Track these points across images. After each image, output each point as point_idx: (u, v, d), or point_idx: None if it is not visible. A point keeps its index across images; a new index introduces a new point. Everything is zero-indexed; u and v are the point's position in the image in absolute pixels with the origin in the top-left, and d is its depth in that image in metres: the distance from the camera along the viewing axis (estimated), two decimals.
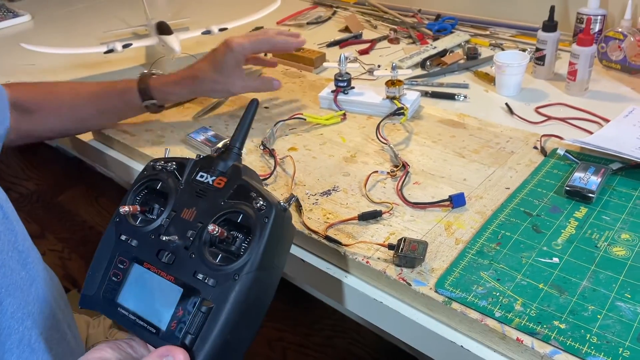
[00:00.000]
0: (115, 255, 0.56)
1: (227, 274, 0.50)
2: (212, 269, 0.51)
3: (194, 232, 0.53)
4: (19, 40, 1.21)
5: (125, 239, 0.56)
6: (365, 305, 0.64)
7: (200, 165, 0.58)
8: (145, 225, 0.56)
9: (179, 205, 0.56)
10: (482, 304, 0.56)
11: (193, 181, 0.57)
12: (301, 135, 0.90)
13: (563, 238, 0.63)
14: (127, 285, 0.54)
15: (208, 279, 0.50)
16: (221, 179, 0.56)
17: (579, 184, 0.69)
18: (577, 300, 0.55)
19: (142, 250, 0.55)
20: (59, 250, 1.91)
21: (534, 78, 1.06)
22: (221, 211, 0.53)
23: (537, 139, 0.83)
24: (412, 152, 0.83)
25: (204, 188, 0.56)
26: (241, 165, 0.58)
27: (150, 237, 0.55)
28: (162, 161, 0.59)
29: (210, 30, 1.21)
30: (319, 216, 0.71)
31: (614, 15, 1.13)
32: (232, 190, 0.55)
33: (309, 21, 1.43)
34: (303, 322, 1.53)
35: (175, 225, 0.55)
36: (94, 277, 0.56)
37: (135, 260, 0.55)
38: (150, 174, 0.59)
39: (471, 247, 0.63)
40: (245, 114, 0.60)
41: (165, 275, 0.53)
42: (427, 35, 1.26)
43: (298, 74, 1.12)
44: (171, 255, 0.53)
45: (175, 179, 0.58)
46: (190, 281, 0.51)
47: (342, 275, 0.65)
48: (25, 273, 0.57)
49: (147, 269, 0.54)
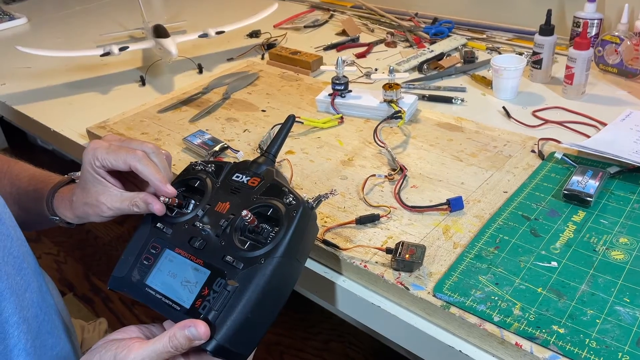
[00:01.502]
0: (149, 241, 0.60)
1: (253, 258, 0.54)
2: (240, 253, 0.54)
3: (226, 222, 0.57)
4: (16, 43, 1.21)
5: (160, 226, 0.60)
6: (363, 310, 0.63)
7: (237, 168, 0.63)
8: (180, 216, 0.60)
9: (214, 199, 0.60)
10: (481, 308, 0.55)
11: (229, 180, 0.62)
12: (298, 138, 0.89)
13: (561, 242, 0.63)
14: (156, 268, 0.57)
15: (236, 261, 0.54)
16: (255, 179, 0.61)
17: (577, 187, 0.69)
18: (576, 305, 0.55)
19: (175, 238, 0.59)
20: (55, 254, 1.90)
21: (530, 82, 1.06)
22: (254, 204, 0.58)
23: (534, 142, 0.83)
24: (409, 155, 0.82)
25: (239, 186, 0.61)
26: (274, 169, 0.63)
27: (184, 226, 0.59)
28: (202, 163, 0.64)
29: (207, 33, 1.21)
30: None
31: (611, 19, 1.14)
32: (265, 189, 0.59)
33: (306, 24, 1.43)
34: (300, 326, 1.52)
35: (210, 216, 0.59)
36: (126, 260, 0.59)
37: (167, 246, 0.58)
38: (190, 172, 0.64)
39: (469, 251, 0.63)
40: (282, 126, 0.66)
41: (195, 259, 0.56)
42: (424, 39, 1.26)
43: (295, 77, 1.12)
44: (202, 241, 0.57)
45: (213, 178, 0.62)
46: (218, 264, 0.54)
47: (339, 279, 0.65)
48: (20, 278, 0.57)
49: (178, 253, 0.57)
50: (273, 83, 1.10)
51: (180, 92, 1.08)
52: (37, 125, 1.08)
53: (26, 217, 0.71)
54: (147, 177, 0.59)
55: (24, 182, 0.73)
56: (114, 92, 1.15)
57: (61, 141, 1.02)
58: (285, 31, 1.40)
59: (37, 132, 1.10)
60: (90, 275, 1.78)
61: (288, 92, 1.06)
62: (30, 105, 1.12)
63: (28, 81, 1.23)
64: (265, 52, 1.26)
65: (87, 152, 0.61)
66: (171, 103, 1.03)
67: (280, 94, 1.05)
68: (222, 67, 1.21)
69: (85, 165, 0.61)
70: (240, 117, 0.98)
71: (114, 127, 0.96)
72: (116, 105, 1.07)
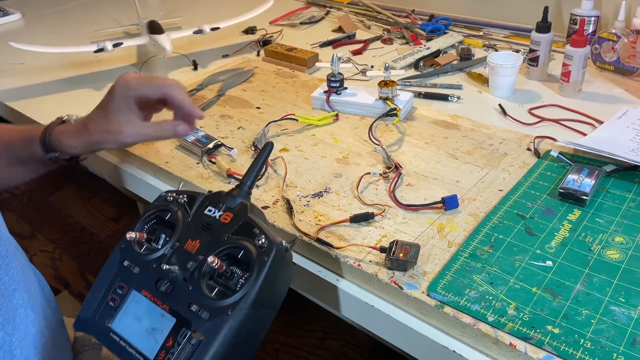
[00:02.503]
0: (116, 280, 0.58)
1: (220, 308, 0.51)
2: (207, 302, 0.52)
3: (194, 264, 0.55)
4: (9, 39, 1.19)
5: (127, 265, 0.58)
6: (357, 309, 0.63)
7: (209, 200, 0.60)
8: (148, 254, 0.58)
9: (184, 236, 0.57)
10: (475, 308, 0.55)
11: (201, 215, 0.59)
12: (293, 136, 0.89)
13: (556, 241, 0.63)
14: (122, 311, 0.56)
15: (202, 311, 0.51)
16: (228, 214, 0.58)
17: (572, 186, 0.69)
18: (571, 304, 0.54)
19: (142, 278, 0.56)
20: (50, 251, 1.89)
21: (527, 79, 1.05)
22: (223, 245, 0.55)
23: (530, 140, 0.82)
24: (404, 153, 0.82)
25: (210, 222, 0.58)
26: (249, 203, 0.60)
27: (152, 266, 0.57)
28: (174, 193, 0.62)
29: (202, 29, 1.20)
30: (310, 218, 0.70)
31: (608, 17, 1.13)
32: (236, 227, 0.56)
33: (302, 21, 1.42)
34: (296, 324, 1.52)
35: (178, 255, 0.56)
36: (93, 299, 0.58)
37: (134, 286, 0.56)
38: (161, 204, 0.61)
39: (464, 250, 0.62)
40: (259, 156, 0.62)
41: (160, 304, 0.54)
42: (421, 36, 1.26)
43: (290, 74, 1.11)
44: (169, 284, 0.54)
45: (185, 211, 0.60)
46: (184, 312, 0.52)
47: (333, 278, 0.64)
48: (7, 278, 0.56)
49: (145, 296, 0.55)
50: (268, 80, 1.09)
51: None
52: (30, 122, 1.06)
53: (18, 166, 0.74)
54: (180, 102, 0.66)
55: (6, 136, 0.74)
56: (108, 88, 1.14)
57: None
58: (281, 28, 1.39)
59: None
60: (86, 272, 1.77)
61: (283, 89, 1.05)
62: (23, 102, 1.11)
63: (21, 77, 1.22)
64: (260, 49, 1.26)
65: (119, 82, 0.67)
66: None
67: (276, 91, 1.04)
68: (217, 64, 1.21)
69: (116, 95, 0.66)
70: (235, 114, 0.97)
71: None
72: None
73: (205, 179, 0.79)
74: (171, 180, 0.82)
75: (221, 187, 0.77)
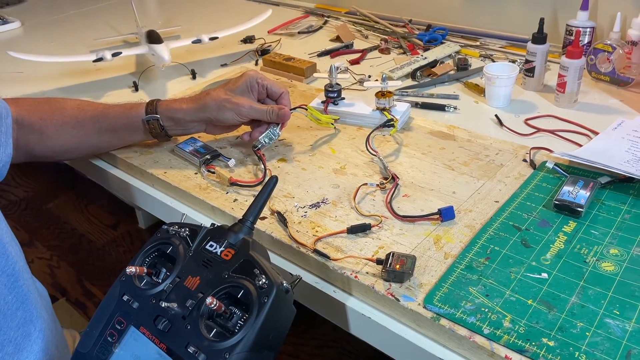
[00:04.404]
0: (115, 314, 0.57)
1: (218, 351, 0.50)
2: (204, 344, 0.51)
3: (193, 302, 0.54)
4: (9, 47, 1.20)
5: (127, 299, 0.58)
6: (354, 320, 0.63)
7: (211, 235, 0.59)
8: (148, 289, 0.57)
9: (184, 272, 0.57)
10: (471, 320, 0.55)
11: (202, 250, 0.58)
12: (291, 146, 0.89)
13: (552, 253, 0.63)
14: (120, 348, 0.56)
15: (199, 353, 0.51)
16: (229, 250, 0.57)
17: (567, 197, 0.69)
18: (566, 317, 0.55)
19: (141, 314, 0.56)
20: (48, 258, 1.89)
21: (523, 89, 1.06)
22: (223, 284, 0.54)
23: (526, 151, 0.83)
24: (401, 164, 0.82)
25: (211, 258, 0.57)
26: (251, 239, 0.59)
27: (151, 302, 0.56)
28: (176, 226, 0.61)
29: (201, 39, 1.21)
30: (307, 229, 0.70)
31: (603, 27, 1.14)
32: (237, 265, 0.56)
33: (300, 30, 1.43)
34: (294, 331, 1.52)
35: (177, 292, 0.56)
36: (91, 334, 0.57)
37: (132, 322, 0.56)
38: (163, 237, 0.61)
39: (460, 261, 0.63)
40: (263, 189, 0.62)
41: (158, 342, 0.54)
42: (418, 46, 1.27)
43: (289, 83, 1.12)
44: (167, 322, 0.54)
45: (186, 245, 0.59)
46: (181, 353, 0.52)
47: (330, 289, 0.65)
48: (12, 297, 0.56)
49: (143, 333, 0.55)
50: None
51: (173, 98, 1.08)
52: None
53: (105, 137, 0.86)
54: (287, 101, 0.86)
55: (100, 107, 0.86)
56: (106, 97, 1.15)
57: None
58: (280, 37, 1.40)
59: None
60: (84, 279, 1.77)
61: None
62: None
63: (20, 86, 1.22)
64: (259, 58, 1.26)
65: (250, 71, 0.85)
66: None
67: None
68: (216, 73, 1.21)
69: (247, 77, 0.84)
70: None
71: None
72: None
73: (203, 189, 0.79)
74: (169, 190, 0.83)
75: (219, 197, 0.77)
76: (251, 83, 0.84)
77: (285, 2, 1.69)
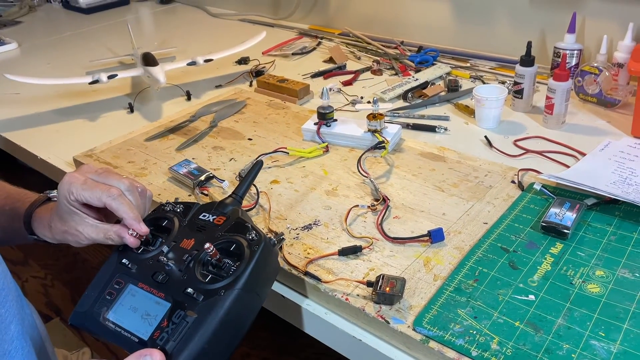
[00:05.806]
0: (113, 276, 0.61)
1: (214, 290, 0.55)
2: (200, 286, 0.56)
3: (189, 257, 0.59)
4: (5, 68, 1.22)
5: (126, 262, 0.61)
6: (344, 342, 0.64)
7: (204, 208, 0.66)
8: (146, 253, 0.62)
9: (179, 237, 0.62)
10: (459, 342, 0.56)
11: (196, 219, 0.64)
12: (284, 168, 0.90)
13: (539, 275, 0.64)
14: (118, 303, 0.59)
15: (196, 293, 0.55)
16: (221, 217, 0.64)
17: (554, 219, 0.70)
18: (552, 339, 0.56)
19: (139, 273, 0.60)
20: (42, 277, 1.89)
21: (512, 110, 1.08)
22: (217, 240, 0.60)
23: (514, 173, 0.84)
24: (392, 185, 0.84)
25: (205, 224, 0.64)
26: (240, 209, 0.66)
27: (149, 262, 0.61)
28: (171, 204, 0.67)
29: (196, 61, 1.23)
30: (299, 251, 0.71)
31: (590, 50, 1.17)
32: (229, 226, 0.62)
33: (294, 51, 1.45)
34: (288, 349, 1.52)
35: (174, 252, 0.61)
36: (89, 295, 0.61)
37: (130, 281, 0.60)
38: (159, 212, 0.66)
39: (449, 283, 0.64)
40: (250, 171, 0.71)
41: (156, 293, 0.58)
42: (410, 67, 1.29)
43: (282, 105, 1.14)
44: (165, 275, 0.59)
45: (181, 218, 0.65)
46: (179, 296, 0.56)
47: (322, 312, 0.65)
48: (4, 311, 0.57)
49: (141, 288, 0.59)
50: (260, 111, 1.11)
51: (168, 119, 1.09)
52: (24, 152, 1.08)
53: (2, 235, 0.74)
54: (120, 215, 0.61)
55: None
56: (102, 119, 1.16)
57: (48, 169, 1.03)
58: (274, 58, 1.42)
59: (25, 159, 1.11)
60: (78, 299, 1.77)
61: (275, 120, 1.07)
62: (17, 132, 1.13)
63: (16, 108, 1.24)
64: (253, 79, 1.28)
65: (63, 185, 0.62)
66: (158, 131, 1.04)
67: (267, 122, 1.06)
68: (210, 95, 1.23)
69: (61, 198, 0.62)
70: (227, 145, 0.99)
71: (100, 156, 0.97)
72: (104, 133, 1.07)
73: None
74: None
75: None
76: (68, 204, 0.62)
77: (280, 23, 1.72)
